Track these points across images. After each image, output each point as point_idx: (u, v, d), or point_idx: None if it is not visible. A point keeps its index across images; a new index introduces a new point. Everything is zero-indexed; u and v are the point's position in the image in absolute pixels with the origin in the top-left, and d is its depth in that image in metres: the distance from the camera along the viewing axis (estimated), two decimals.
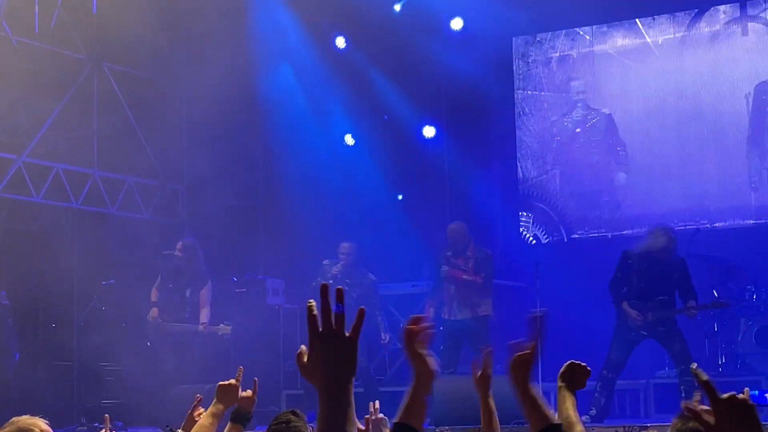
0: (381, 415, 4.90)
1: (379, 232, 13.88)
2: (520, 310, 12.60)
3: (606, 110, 14.14)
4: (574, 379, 3.78)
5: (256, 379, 5.16)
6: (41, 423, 4.34)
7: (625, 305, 10.39)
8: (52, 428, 4.44)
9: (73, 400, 12.24)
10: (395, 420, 3.14)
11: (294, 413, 4.54)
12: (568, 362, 3.81)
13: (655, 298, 10.32)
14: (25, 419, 4.33)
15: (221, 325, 12.01)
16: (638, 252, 10.51)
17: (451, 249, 11.60)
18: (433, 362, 3.09)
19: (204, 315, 11.96)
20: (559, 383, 3.79)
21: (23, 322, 12.25)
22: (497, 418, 4.15)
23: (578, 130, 14.36)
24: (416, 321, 3.08)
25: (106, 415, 5.50)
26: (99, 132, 12.94)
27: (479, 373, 4.23)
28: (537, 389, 3.25)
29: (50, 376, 11.94)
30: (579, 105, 14.37)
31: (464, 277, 11.44)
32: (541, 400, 3.22)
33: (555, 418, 3.22)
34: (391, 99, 14.36)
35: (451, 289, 11.54)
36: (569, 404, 3.71)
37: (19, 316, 12.16)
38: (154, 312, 12.02)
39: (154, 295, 12.16)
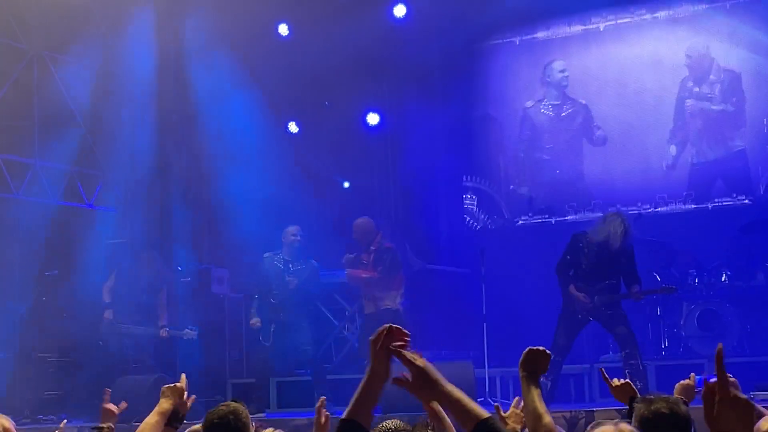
0: (327, 413, 4.86)
1: (325, 219, 13.84)
2: (465, 296, 12.70)
3: (582, 100, 14.16)
4: (534, 366, 3.71)
5: (183, 374, 5.17)
6: (6, 421, 4.29)
7: (572, 288, 10.34)
8: None
9: (15, 391, 12.07)
10: (343, 416, 3.04)
11: (236, 401, 4.51)
12: (527, 349, 3.72)
13: (602, 282, 10.29)
14: None
15: (186, 330, 11.95)
16: (589, 236, 10.42)
17: (355, 247, 11.69)
18: (390, 369, 3.03)
19: (163, 318, 11.88)
20: (521, 373, 3.70)
21: None
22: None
23: (529, 117, 14.42)
24: (401, 331, 3.05)
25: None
26: (40, 121, 12.78)
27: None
28: (450, 388, 3.00)
29: None
30: (527, 92, 14.42)
31: (362, 275, 11.49)
32: (460, 394, 2.99)
33: (483, 412, 2.95)
34: (335, 86, 14.28)
35: (361, 286, 11.69)
36: (534, 395, 3.62)
37: None
38: (108, 314, 11.79)
39: (106, 296, 11.89)
